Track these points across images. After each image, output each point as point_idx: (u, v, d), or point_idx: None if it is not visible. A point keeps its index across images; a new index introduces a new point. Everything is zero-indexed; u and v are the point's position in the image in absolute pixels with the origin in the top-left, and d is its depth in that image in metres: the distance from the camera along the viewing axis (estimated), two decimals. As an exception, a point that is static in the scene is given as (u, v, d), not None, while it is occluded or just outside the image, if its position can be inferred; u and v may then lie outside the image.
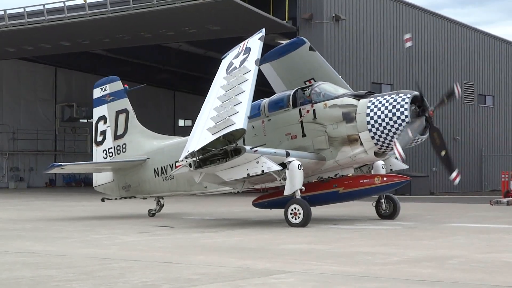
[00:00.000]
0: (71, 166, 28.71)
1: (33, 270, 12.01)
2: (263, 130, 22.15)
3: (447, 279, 10.75)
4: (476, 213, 26.23)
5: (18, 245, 16.29)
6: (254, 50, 20.66)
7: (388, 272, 11.48)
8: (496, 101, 55.51)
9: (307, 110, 21.52)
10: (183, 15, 41.36)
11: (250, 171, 19.92)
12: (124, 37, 47.07)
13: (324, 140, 21.31)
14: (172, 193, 25.07)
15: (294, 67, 23.62)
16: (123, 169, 26.00)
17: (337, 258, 13.25)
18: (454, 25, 51.52)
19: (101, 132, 27.08)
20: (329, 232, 18.80)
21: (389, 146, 20.89)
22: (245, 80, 19.89)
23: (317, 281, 10.75)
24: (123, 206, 30.50)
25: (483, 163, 52.94)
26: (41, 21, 43.75)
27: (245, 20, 40.26)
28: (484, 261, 12.68)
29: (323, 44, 40.05)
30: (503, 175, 33.16)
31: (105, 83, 27.27)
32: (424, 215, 25.02)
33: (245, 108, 19.23)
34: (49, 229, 20.82)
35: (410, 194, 39.41)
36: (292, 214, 20.11)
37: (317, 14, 41.14)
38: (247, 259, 13.20)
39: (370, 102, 20.93)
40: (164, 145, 25.47)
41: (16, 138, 62.96)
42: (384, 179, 21.54)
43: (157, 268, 12.21)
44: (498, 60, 55.70)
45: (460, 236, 17.58)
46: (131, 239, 17.71)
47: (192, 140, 20.14)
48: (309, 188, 21.06)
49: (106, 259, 13.43)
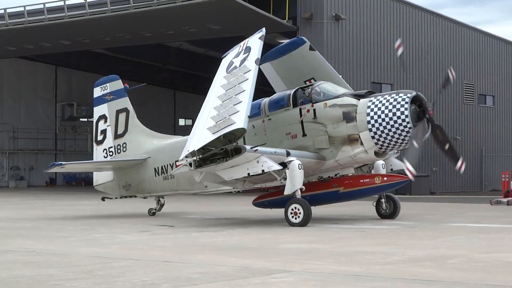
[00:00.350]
0: (71, 165, 28.71)
1: (33, 269, 12.01)
2: (264, 130, 22.14)
3: (447, 278, 10.75)
4: (476, 213, 26.23)
5: (18, 244, 16.29)
6: (254, 50, 20.65)
7: (388, 271, 11.48)
8: (496, 101, 55.50)
9: (307, 109, 21.52)
10: (183, 14, 41.36)
11: (250, 171, 19.92)
12: (125, 36, 47.07)
13: (325, 140, 21.31)
14: (172, 193, 25.07)
15: (294, 67, 23.62)
16: (124, 168, 26.00)
17: (337, 258, 13.25)
18: (454, 25, 51.51)
19: (101, 131, 27.09)
20: (329, 232, 18.80)
21: (389, 145, 20.91)
22: (245, 80, 19.89)
23: (317, 280, 10.75)
24: (123, 205, 30.50)
25: (484, 163, 52.92)
26: (41, 20, 43.74)
27: (246, 19, 40.25)
28: (485, 261, 12.68)
29: (323, 44, 40.04)
30: (504, 175, 33.15)
31: (105, 82, 27.27)
32: (424, 214, 25.02)
33: (245, 107, 19.23)
34: (49, 228, 20.83)
35: (410, 194, 39.40)
36: (292, 213, 20.11)
37: (317, 14, 41.13)
38: (247, 259, 13.20)
39: (370, 101, 20.94)
40: (165, 144, 25.47)
41: (17, 137, 62.97)
42: (384, 179, 21.55)
43: (157, 267, 12.21)
44: (498, 60, 55.69)
45: (460, 235, 17.58)
46: (131, 238, 17.72)
47: (192, 139, 20.14)
48: (309, 188, 21.06)
49: (106, 258, 13.43)
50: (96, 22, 43.09)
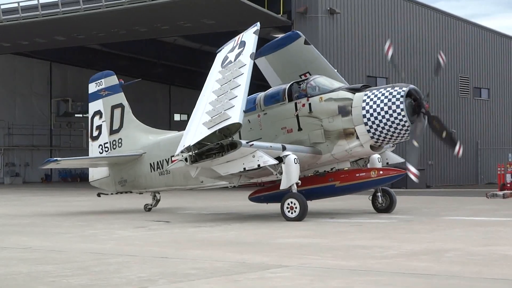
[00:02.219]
0: (66, 161, 28.73)
1: (29, 266, 11.98)
2: (259, 124, 22.12)
3: (444, 272, 10.75)
4: (473, 206, 26.26)
5: (14, 240, 16.26)
6: (249, 44, 20.63)
7: (385, 265, 11.48)
8: (491, 94, 55.52)
9: (303, 104, 21.50)
10: (178, 9, 41.31)
11: (246, 165, 19.90)
12: (119, 32, 47.02)
13: (320, 134, 21.30)
14: (168, 188, 25.06)
15: (290, 61, 23.60)
16: (119, 164, 25.96)
17: (334, 252, 13.25)
18: (448, 18, 51.50)
19: (96, 127, 27.05)
20: (326, 226, 18.80)
21: (385, 139, 20.91)
22: (240, 74, 19.87)
23: (314, 275, 10.74)
24: (119, 201, 30.48)
25: (479, 156, 52.97)
26: (35, 16, 43.68)
27: (240, 14, 40.22)
28: (481, 254, 12.69)
29: (318, 38, 40.02)
30: (499, 168, 33.18)
31: (100, 78, 27.24)
32: (420, 208, 25.04)
33: (241, 102, 19.21)
34: (45, 224, 20.80)
35: (406, 188, 39.41)
36: (289, 208, 20.10)
37: (312, 8, 41.09)
38: (243, 254, 13.19)
39: (365, 95, 20.94)
40: (160, 139, 25.44)
41: (12, 134, 62.90)
42: (380, 173, 21.57)
43: (154, 262, 12.19)
44: (493, 53, 55.69)
45: (456, 229, 17.59)
46: (127, 234, 17.70)
47: (187, 134, 20.11)
48: (305, 182, 21.06)
49: (102, 254, 13.42)
50: (90, 17, 43.02)
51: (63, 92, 65.51)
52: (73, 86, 64.78)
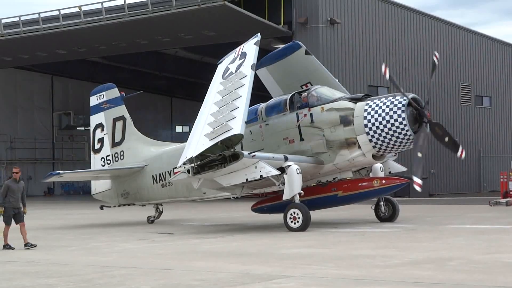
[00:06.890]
0: (69, 174, 28.75)
1: (33, 279, 11.98)
2: (261, 135, 22.13)
3: (448, 280, 10.74)
4: (475, 214, 26.22)
5: (18, 254, 16.27)
6: (250, 55, 20.65)
7: (388, 274, 11.47)
8: (493, 102, 55.48)
9: (304, 114, 21.51)
10: (179, 21, 41.36)
11: (248, 176, 19.92)
12: (120, 44, 47.07)
13: (322, 144, 21.30)
14: (171, 200, 25.06)
15: (291, 71, 23.61)
16: (122, 176, 25.98)
17: (337, 262, 13.24)
18: (449, 27, 51.51)
19: (98, 139, 27.09)
20: (329, 236, 18.78)
21: (387, 148, 20.91)
22: (241, 85, 19.89)
23: (317, 285, 10.74)
24: (122, 214, 30.46)
25: (481, 164, 52.88)
26: (36, 30, 43.74)
27: (241, 25, 40.25)
28: (484, 262, 12.68)
29: (319, 48, 40.03)
30: (502, 176, 33.12)
31: (102, 91, 27.30)
32: (423, 217, 25.01)
33: (242, 113, 19.23)
34: (49, 237, 20.80)
35: (409, 196, 39.32)
36: (292, 218, 20.10)
37: (313, 18, 41.12)
38: (247, 264, 13.19)
39: (367, 105, 20.95)
40: (162, 151, 25.45)
41: (14, 147, 62.89)
42: (383, 182, 21.55)
43: (157, 274, 12.19)
44: (494, 61, 55.67)
45: (460, 237, 17.57)
46: (130, 246, 17.70)
47: (189, 146, 20.12)
48: (308, 192, 21.04)
49: (106, 267, 13.41)
50: (91, 30, 43.08)
51: (65, 105, 65.52)
52: (75, 99, 64.79)
